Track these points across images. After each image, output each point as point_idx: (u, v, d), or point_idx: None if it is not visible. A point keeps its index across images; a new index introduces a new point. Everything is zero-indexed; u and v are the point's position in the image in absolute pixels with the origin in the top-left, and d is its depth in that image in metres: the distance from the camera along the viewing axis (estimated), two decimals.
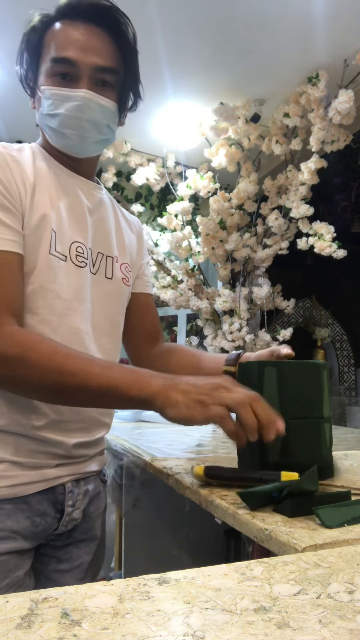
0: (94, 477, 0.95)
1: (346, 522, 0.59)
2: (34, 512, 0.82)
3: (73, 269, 0.86)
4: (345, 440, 1.38)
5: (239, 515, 0.64)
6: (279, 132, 2.69)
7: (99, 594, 0.38)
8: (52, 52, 0.83)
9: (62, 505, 0.86)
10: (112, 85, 0.87)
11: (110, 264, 0.94)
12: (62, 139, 0.87)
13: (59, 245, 0.84)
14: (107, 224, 0.96)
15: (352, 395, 5.30)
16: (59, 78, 0.83)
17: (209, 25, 2.08)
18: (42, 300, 0.82)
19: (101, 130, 0.87)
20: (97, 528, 0.96)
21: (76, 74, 0.83)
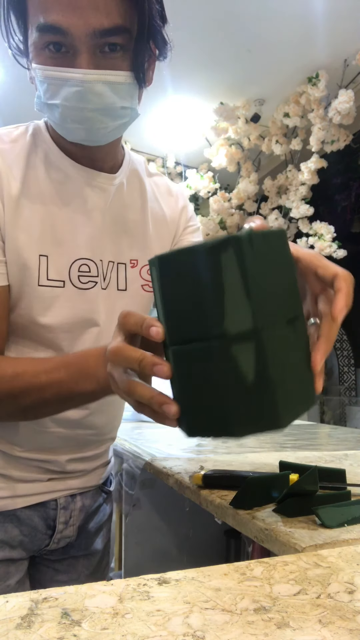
0: (94, 491, 0.89)
1: (346, 522, 0.59)
2: (23, 525, 0.78)
3: (75, 294, 0.72)
4: (345, 440, 1.38)
5: (239, 515, 0.64)
6: (279, 132, 2.69)
7: (99, 594, 0.38)
8: (36, 14, 0.61)
9: (54, 522, 0.81)
10: (123, 47, 0.63)
11: (122, 273, 0.77)
12: (67, 133, 0.68)
13: (52, 271, 0.70)
14: (124, 220, 0.78)
15: (352, 395, 5.30)
16: (51, 50, 0.62)
17: (209, 26, 2.08)
18: (34, 334, 0.73)
19: (115, 115, 0.66)
20: (98, 542, 0.91)
21: (72, 44, 0.61)
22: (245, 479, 0.68)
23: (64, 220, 0.72)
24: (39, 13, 0.60)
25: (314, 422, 2.36)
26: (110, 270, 0.76)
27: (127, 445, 1.21)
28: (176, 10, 1.93)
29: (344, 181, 3.71)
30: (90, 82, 0.61)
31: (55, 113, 0.66)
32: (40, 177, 0.71)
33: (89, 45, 0.61)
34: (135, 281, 0.78)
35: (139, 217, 0.80)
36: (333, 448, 1.20)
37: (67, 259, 0.72)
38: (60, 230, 0.71)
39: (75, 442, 0.80)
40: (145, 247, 0.80)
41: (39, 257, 0.70)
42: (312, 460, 0.97)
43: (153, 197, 0.83)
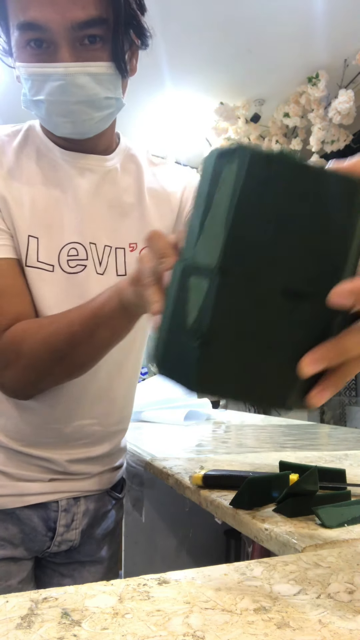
0: (101, 495, 0.86)
1: (346, 522, 0.59)
2: (24, 524, 0.77)
3: (63, 278, 0.72)
4: (345, 440, 1.38)
5: (239, 515, 0.64)
6: (279, 132, 2.69)
7: (99, 594, 0.38)
8: (16, 13, 0.62)
9: (55, 524, 0.79)
10: (102, 38, 0.64)
11: (121, 258, 0.76)
12: (55, 128, 0.70)
13: (43, 254, 0.71)
14: (120, 203, 0.77)
15: (352, 395, 5.30)
16: (33, 47, 0.63)
17: (209, 26, 2.08)
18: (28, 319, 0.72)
19: (99, 106, 0.67)
20: (105, 550, 0.88)
21: (52, 39, 0.62)
22: (245, 479, 0.68)
23: (53, 203, 0.72)
24: (18, 12, 0.61)
25: (314, 422, 2.36)
26: (107, 255, 0.75)
27: (127, 445, 1.21)
28: (176, 10, 1.93)
29: None
30: (72, 74, 0.63)
31: (41, 109, 0.67)
32: (32, 166, 0.73)
33: (69, 39, 0.62)
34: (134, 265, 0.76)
35: (135, 200, 0.78)
36: (333, 448, 1.20)
37: (57, 243, 0.72)
38: (50, 215, 0.72)
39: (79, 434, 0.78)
40: (144, 229, 0.78)
41: (28, 238, 0.70)
42: (312, 460, 0.97)
43: (153, 179, 0.82)
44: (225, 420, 1.89)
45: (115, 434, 0.85)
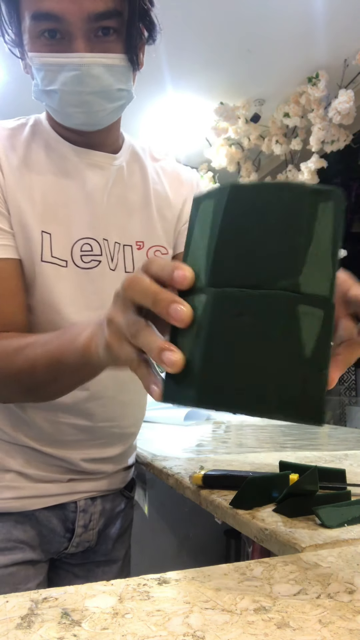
0: (115, 495, 0.87)
1: (346, 522, 0.59)
2: (42, 526, 0.77)
3: (78, 273, 0.72)
4: (345, 440, 1.38)
5: (239, 515, 0.64)
6: (279, 132, 2.69)
7: (99, 594, 0.38)
8: (30, 3, 0.62)
9: (73, 525, 0.79)
10: (116, 30, 0.64)
11: (129, 255, 0.76)
12: (66, 118, 0.69)
13: (56, 249, 0.70)
14: (127, 201, 0.77)
15: (352, 395, 5.30)
16: (47, 37, 0.63)
17: (209, 26, 2.08)
18: (43, 315, 0.72)
19: (112, 98, 0.68)
20: (119, 549, 0.89)
21: (67, 30, 0.62)
22: (245, 479, 0.68)
23: (65, 199, 0.72)
24: (33, 2, 0.61)
25: None
26: (117, 251, 0.75)
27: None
28: (176, 10, 1.93)
29: (343, 181, 3.71)
30: (88, 65, 0.63)
31: (54, 99, 0.66)
32: (41, 159, 0.72)
33: (84, 30, 0.62)
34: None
35: (141, 199, 0.79)
36: (333, 448, 1.20)
37: (70, 238, 0.71)
38: (61, 209, 0.71)
39: (92, 435, 0.77)
40: (150, 228, 0.78)
41: (41, 234, 0.69)
42: (312, 460, 0.97)
43: (157, 180, 0.82)
44: (225, 420, 1.89)
45: (130, 435, 0.85)
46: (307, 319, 0.35)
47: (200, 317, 0.37)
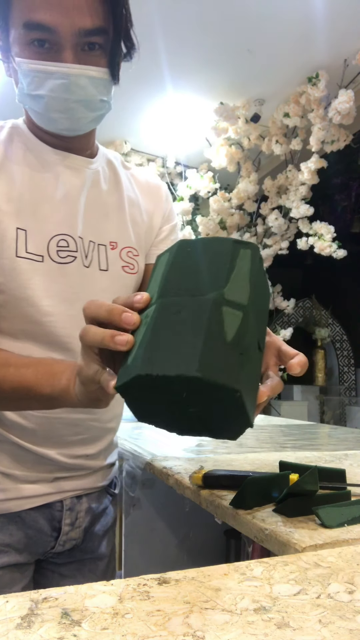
0: (99, 493, 0.88)
1: (346, 522, 0.59)
2: (28, 527, 0.77)
3: (54, 268, 0.74)
4: (345, 440, 1.38)
5: (239, 515, 0.64)
6: (279, 132, 2.69)
7: (99, 594, 0.38)
8: (23, 12, 0.65)
9: (60, 524, 0.80)
10: (101, 46, 0.69)
11: (103, 254, 0.80)
12: (50, 123, 0.73)
13: (31, 245, 0.72)
14: (102, 203, 0.82)
15: (352, 395, 5.31)
16: (36, 46, 0.66)
17: (209, 26, 2.08)
18: (15, 309, 0.73)
19: (94, 107, 0.72)
20: (105, 546, 0.90)
21: (57, 42, 0.66)
22: (245, 479, 0.68)
23: (42, 196, 0.75)
24: (26, 12, 0.65)
25: (314, 422, 2.36)
26: (91, 250, 0.79)
27: (127, 445, 1.21)
28: (176, 10, 1.93)
29: (344, 181, 3.71)
30: (75, 75, 0.68)
31: (39, 103, 0.70)
32: (19, 158, 0.75)
33: (73, 43, 0.67)
34: (116, 262, 0.81)
35: (116, 202, 0.84)
36: (333, 448, 1.20)
37: (46, 234, 0.74)
38: (38, 206, 0.74)
39: (75, 430, 0.79)
40: (123, 231, 0.83)
41: (16, 230, 0.72)
42: (312, 460, 0.97)
43: (129, 186, 0.87)
44: None
45: (110, 430, 0.87)
46: (229, 316, 0.48)
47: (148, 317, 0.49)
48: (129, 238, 0.84)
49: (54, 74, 0.67)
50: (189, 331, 0.46)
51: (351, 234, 3.95)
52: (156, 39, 2.11)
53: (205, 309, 0.48)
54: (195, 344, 0.45)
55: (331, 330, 5.01)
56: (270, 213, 2.85)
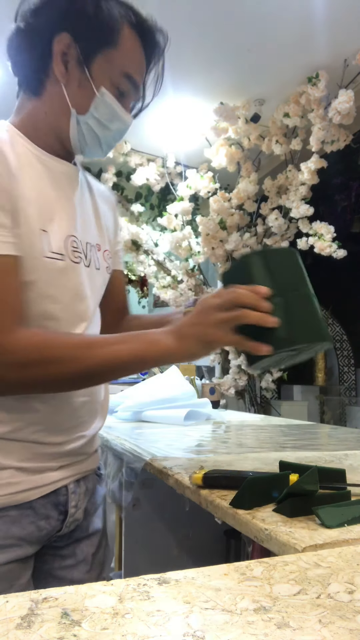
0: (92, 475, 0.95)
1: (346, 522, 0.59)
2: (39, 516, 0.81)
3: (71, 267, 0.81)
4: (345, 440, 1.38)
5: (239, 515, 0.64)
6: (279, 132, 2.69)
7: (99, 594, 0.38)
8: (127, 62, 0.81)
9: (65, 507, 0.86)
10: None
11: (95, 254, 0.89)
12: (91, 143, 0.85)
13: (54, 244, 0.78)
14: (88, 209, 0.90)
15: (352, 395, 5.30)
16: (118, 93, 0.82)
17: (209, 25, 2.08)
18: (39, 306, 0.77)
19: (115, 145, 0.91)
20: (98, 522, 0.96)
21: (129, 98, 0.85)
22: (245, 479, 0.68)
23: (54, 200, 0.80)
24: (129, 65, 0.82)
25: (314, 422, 2.36)
26: (89, 250, 0.87)
27: (127, 445, 1.21)
28: (176, 10, 1.93)
29: (344, 181, 3.71)
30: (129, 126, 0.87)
31: (102, 129, 0.84)
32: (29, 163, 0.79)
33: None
34: (102, 262, 0.91)
35: (93, 207, 0.93)
36: (333, 448, 1.20)
37: (62, 235, 0.80)
38: (52, 209, 0.80)
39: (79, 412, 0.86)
40: (102, 234, 0.93)
41: (40, 231, 0.77)
42: (312, 460, 0.97)
43: (98, 193, 0.97)
44: (225, 420, 1.89)
45: (102, 411, 0.94)
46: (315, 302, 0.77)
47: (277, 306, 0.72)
48: (105, 241, 0.94)
49: (122, 120, 0.84)
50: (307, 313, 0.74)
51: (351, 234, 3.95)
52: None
53: (308, 300, 0.75)
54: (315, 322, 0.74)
55: (331, 330, 5.01)
56: (270, 213, 2.85)
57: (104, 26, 0.78)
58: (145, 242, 3.22)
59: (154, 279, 3.27)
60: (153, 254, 3.22)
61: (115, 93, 0.81)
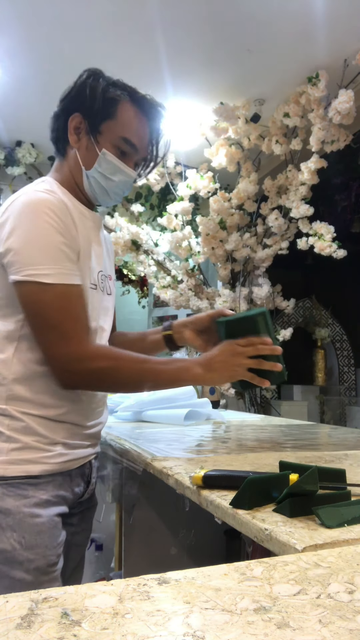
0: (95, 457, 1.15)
1: (346, 522, 0.59)
2: (73, 483, 1.02)
3: (100, 294, 1.07)
4: (345, 440, 1.38)
5: (239, 515, 0.64)
6: (279, 132, 2.69)
7: (99, 594, 0.38)
8: (125, 129, 1.03)
9: (89, 477, 1.08)
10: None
11: (107, 282, 1.13)
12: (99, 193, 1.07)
13: (93, 277, 1.03)
14: (104, 245, 1.13)
15: (352, 395, 5.30)
16: (119, 152, 1.04)
17: (209, 26, 2.08)
18: None
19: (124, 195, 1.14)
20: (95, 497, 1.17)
21: (131, 156, 1.06)
22: (245, 479, 0.68)
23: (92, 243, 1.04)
24: (128, 131, 1.04)
25: (314, 422, 2.36)
26: (105, 280, 1.12)
27: (127, 445, 1.21)
28: (176, 10, 1.93)
29: (344, 181, 3.71)
30: (133, 178, 1.09)
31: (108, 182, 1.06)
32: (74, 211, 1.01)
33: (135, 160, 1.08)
34: (113, 288, 1.17)
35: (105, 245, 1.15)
36: (333, 448, 1.20)
37: (97, 270, 1.06)
38: (91, 250, 1.04)
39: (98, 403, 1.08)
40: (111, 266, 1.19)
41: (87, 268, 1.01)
42: (312, 460, 0.97)
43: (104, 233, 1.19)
44: (225, 420, 1.89)
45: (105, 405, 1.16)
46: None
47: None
48: (113, 271, 1.20)
49: (126, 173, 1.06)
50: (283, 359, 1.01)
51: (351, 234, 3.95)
52: (156, 39, 2.10)
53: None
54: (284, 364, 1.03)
55: (331, 330, 5.01)
56: (270, 213, 2.85)
57: (104, 104, 1.02)
58: (145, 242, 3.22)
59: (154, 279, 3.27)
60: (153, 254, 3.22)
61: (117, 153, 1.04)
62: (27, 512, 0.92)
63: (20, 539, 0.90)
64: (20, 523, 0.91)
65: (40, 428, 0.95)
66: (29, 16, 2.00)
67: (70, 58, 2.23)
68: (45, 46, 2.20)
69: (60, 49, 2.25)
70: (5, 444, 0.93)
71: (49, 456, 0.96)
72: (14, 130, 2.95)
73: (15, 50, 2.23)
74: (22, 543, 0.90)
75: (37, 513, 0.93)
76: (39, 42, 2.16)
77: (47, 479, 0.96)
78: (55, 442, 0.97)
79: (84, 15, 2.01)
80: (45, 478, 0.95)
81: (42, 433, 0.96)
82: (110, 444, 1.30)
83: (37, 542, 0.91)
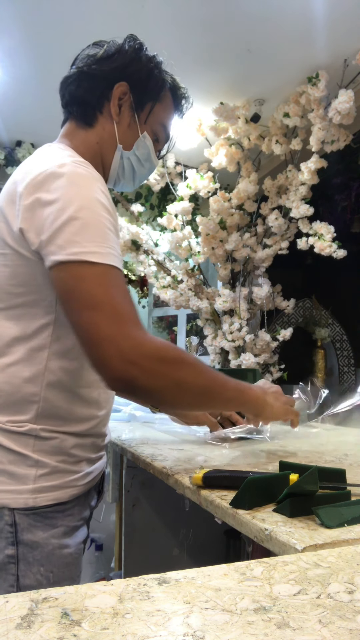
0: None
1: (346, 522, 0.59)
2: (89, 498, 0.96)
3: None
4: (345, 440, 1.38)
5: (239, 515, 0.64)
6: (279, 132, 2.69)
7: (99, 594, 0.38)
8: (166, 116, 1.02)
9: (101, 488, 1.04)
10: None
11: None
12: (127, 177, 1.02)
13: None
14: None
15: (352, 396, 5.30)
16: (155, 138, 1.02)
17: (209, 25, 2.08)
18: None
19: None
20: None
21: (158, 146, 1.04)
22: (245, 479, 0.68)
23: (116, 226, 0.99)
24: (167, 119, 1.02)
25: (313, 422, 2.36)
26: None
27: (127, 445, 1.21)
28: (176, 10, 1.93)
29: (344, 181, 3.71)
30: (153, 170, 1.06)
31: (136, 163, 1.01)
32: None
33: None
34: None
35: None
36: (333, 448, 1.20)
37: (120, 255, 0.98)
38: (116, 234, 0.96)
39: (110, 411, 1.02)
40: None
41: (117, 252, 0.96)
42: (312, 460, 0.97)
43: None
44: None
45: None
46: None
47: None
48: None
49: (153, 162, 1.03)
50: None
51: (351, 234, 3.95)
52: (156, 38, 2.10)
53: None
54: None
55: (331, 330, 5.01)
56: (270, 213, 2.85)
57: (155, 84, 0.97)
58: (145, 242, 3.22)
59: (154, 279, 3.27)
60: (153, 254, 3.22)
61: (153, 138, 1.00)
62: (57, 543, 0.84)
63: (48, 574, 0.83)
64: (49, 557, 0.83)
65: (69, 446, 0.88)
66: (29, 16, 2.00)
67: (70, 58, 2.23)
68: (45, 46, 2.20)
69: (60, 49, 2.25)
70: (32, 470, 0.83)
71: (76, 478, 0.89)
72: (14, 130, 2.95)
73: (15, 50, 2.23)
74: (49, 578, 0.83)
75: (66, 544, 0.86)
76: (39, 42, 2.16)
77: (73, 503, 0.89)
78: (81, 460, 0.90)
79: (84, 15, 2.01)
80: (72, 502, 0.89)
81: (71, 452, 0.88)
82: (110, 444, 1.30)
83: (64, 575, 0.85)
